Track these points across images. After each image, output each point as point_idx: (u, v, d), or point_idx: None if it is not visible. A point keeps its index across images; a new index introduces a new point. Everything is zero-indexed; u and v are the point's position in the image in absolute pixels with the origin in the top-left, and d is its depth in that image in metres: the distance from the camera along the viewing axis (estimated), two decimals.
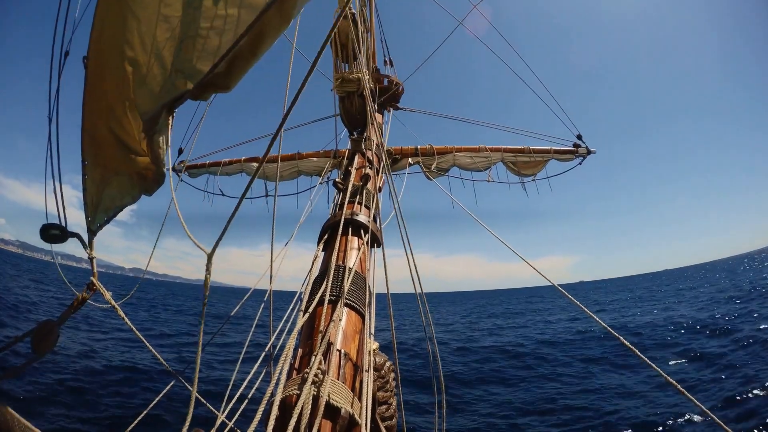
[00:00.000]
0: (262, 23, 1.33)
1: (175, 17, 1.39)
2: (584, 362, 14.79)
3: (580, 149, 6.84)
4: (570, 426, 9.00)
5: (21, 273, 53.49)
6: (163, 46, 1.39)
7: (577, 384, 12.13)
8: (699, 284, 55.74)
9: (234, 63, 1.43)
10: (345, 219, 2.86)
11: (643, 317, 26.32)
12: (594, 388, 11.52)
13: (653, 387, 11.03)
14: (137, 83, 1.41)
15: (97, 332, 18.04)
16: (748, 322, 18.79)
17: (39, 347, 1.46)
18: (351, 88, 4.18)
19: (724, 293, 34.12)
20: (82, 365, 12.43)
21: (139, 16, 1.33)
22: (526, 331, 25.42)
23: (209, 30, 1.41)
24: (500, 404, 10.70)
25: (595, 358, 15.33)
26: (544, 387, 12.07)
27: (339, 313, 2.12)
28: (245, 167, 7.14)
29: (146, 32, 1.36)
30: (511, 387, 12.28)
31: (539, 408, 10.41)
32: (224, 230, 1.52)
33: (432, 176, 6.30)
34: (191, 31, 1.41)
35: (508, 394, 11.56)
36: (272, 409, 1.53)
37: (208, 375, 12.54)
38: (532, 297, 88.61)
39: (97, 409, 9.15)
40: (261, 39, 1.39)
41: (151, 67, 1.40)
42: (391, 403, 2.88)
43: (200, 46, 1.41)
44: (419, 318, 3.19)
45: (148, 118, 1.46)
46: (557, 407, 10.34)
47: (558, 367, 14.27)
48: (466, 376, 13.61)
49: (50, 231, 1.44)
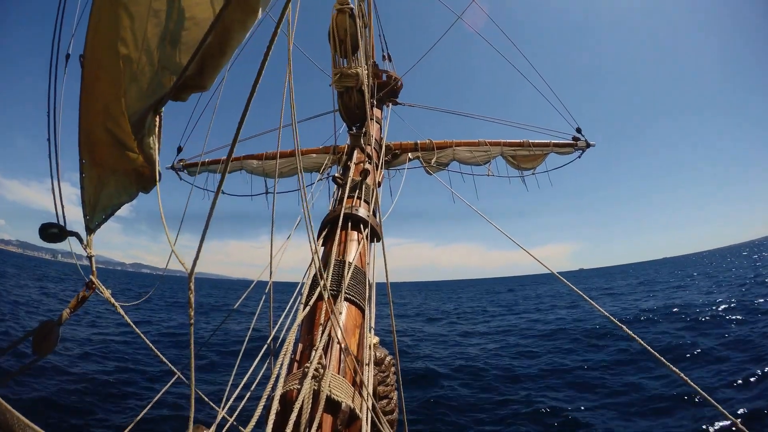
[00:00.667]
0: (224, 20, 1.31)
1: (162, 11, 1.38)
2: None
3: (580, 142, 6.85)
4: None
5: (21, 272, 53.67)
6: (152, 42, 1.39)
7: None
8: (718, 270, 55.35)
9: (204, 63, 1.43)
10: (344, 214, 2.87)
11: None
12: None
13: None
14: (129, 81, 1.41)
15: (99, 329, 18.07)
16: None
17: (40, 348, 1.46)
18: (350, 83, 4.17)
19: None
20: (82, 363, 12.47)
21: (132, 12, 1.33)
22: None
23: (192, 22, 1.40)
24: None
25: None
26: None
27: (339, 308, 2.13)
28: (245, 164, 7.13)
29: (138, 28, 1.36)
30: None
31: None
32: (200, 244, 1.43)
33: (432, 171, 6.30)
34: (174, 24, 1.40)
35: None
36: (273, 404, 1.54)
37: (209, 371, 12.58)
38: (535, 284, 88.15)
39: (98, 408, 9.17)
40: (227, 36, 1.38)
41: (141, 64, 1.40)
42: (391, 397, 2.90)
43: (184, 39, 1.41)
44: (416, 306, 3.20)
45: (136, 119, 1.45)
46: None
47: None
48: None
49: (49, 230, 1.44)
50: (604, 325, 17.96)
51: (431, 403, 9.75)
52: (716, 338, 14.05)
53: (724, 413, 1.98)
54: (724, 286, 30.67)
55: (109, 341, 15.80)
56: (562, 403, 9.69)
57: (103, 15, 1.32)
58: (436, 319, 28.53)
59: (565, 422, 8.64)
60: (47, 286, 37.47)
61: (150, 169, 1.57)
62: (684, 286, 36.42)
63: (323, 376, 1.68)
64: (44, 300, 26.53)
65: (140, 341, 2.75)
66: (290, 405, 1.56)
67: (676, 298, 26.82)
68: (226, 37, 1.39)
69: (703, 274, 50.71)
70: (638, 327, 18.08)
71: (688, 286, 35.99)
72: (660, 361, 2.18)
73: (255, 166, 7.00)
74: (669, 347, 13.65)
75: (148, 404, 3.28)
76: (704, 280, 40.33)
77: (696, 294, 27.98)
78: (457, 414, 9.22)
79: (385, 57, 7.39)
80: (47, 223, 1.46)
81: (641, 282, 51.18)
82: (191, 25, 1.40)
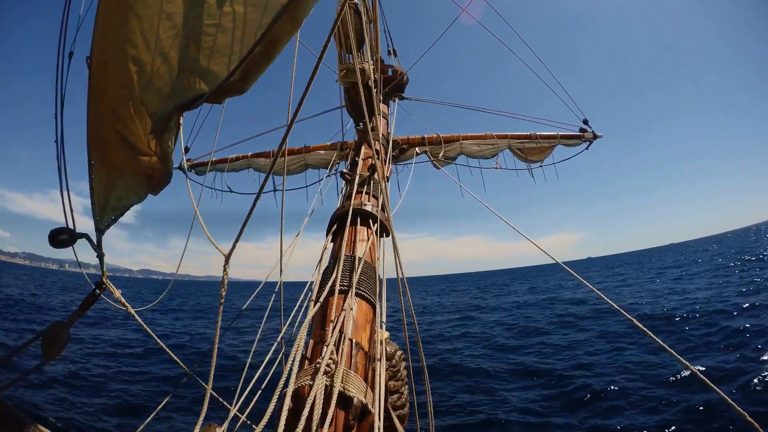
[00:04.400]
0: (274, 29, 1.32)
1: (177, 14, 1.38)
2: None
3: (587, 134, 6.82)
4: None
5: (24, 282, 54.26)
6: (167, 44, 1.39)
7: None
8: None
9: (249, 70, 1.43)
10: (353, 209, 2.86)
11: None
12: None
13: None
14: (143, 83, 1.40)
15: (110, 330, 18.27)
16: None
17: (49, 349, 1.47)
18: (355, 78, 4.18)
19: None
20: (94, 363, 12.61)
21: (140, 14, 1.33)
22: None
23: (216, 27, 1.40)
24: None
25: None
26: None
27: (350, 303, 2.12)
28: (252, 163, 7.16)
29: (149, 30, 1.36)
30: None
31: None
32: (241, 230, 1.53)
33: (439, 165, 6.29)
34: (196, 29, 1.40)
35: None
36: (285, 400, 1.54)
37: (220, 369, 12.63)
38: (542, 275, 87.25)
39: (111, 408, 9.29)
40: (274, 45, 1.38)
41: (156, 66, 1.40)
42: (402, 392, 2.90)
43: (207, 44, 1.41)
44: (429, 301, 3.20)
45: (159, 118, 1.45)
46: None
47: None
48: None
49: (59, 237, 1.45)
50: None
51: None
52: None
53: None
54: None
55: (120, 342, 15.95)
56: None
57: (109, 16, 1.32)
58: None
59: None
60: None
61: (160, 170, 1.57)
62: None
63: (335, 371, 1.67)
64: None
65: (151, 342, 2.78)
66: (302, 401, 1.56)
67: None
68: (272, 47, 1.39)
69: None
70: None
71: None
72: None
73: (263, 163, 7.02)
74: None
75: (160, 404, 3.30)
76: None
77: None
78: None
79: (391, 52, 7.38)
80: (56, 230, 1.46)
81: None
82: (217, 32, 1.40)
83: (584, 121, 6.90)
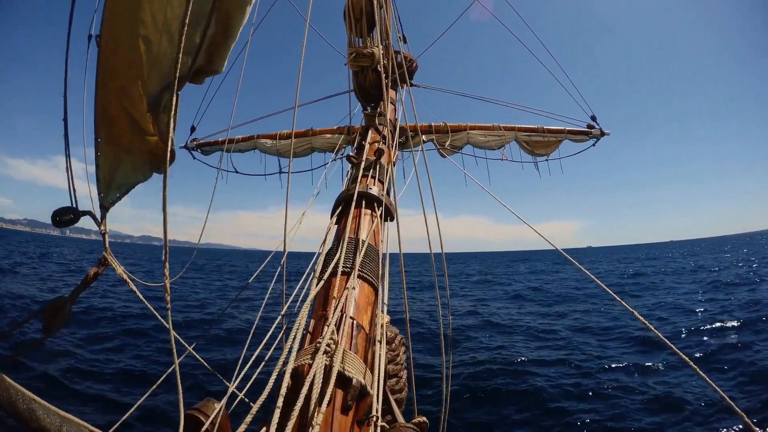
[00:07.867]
0: (221, 6, 1.31)
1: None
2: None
3: (594, 131, 6.81)
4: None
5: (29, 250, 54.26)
6: (173, 24, 1.39)
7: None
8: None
9: (211, 51, 1.43)
10: (358, 192, 2.87)
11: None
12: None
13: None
14: (150, 62, 1.41)
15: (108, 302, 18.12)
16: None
17: (50, 325, 1.48)
18: (365, 62, 4.16)
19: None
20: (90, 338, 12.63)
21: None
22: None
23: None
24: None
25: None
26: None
27: (352, 284, 2.13)
28: (258, 144, 7.14)
29: (158, 10, 1.36)
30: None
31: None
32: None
33: (446, 153, 6.26)
34: (201, 8, 1.40)
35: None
36: (284, 377, 1.55)
37: (221, 345, 12.73)
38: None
39: (108, 382, 9.32)
40: (228, 21, 1.38)
41: (163, 46, 1.40)
42: (401, 376, 2.93)
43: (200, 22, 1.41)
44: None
45: (152, 100, 1.46)
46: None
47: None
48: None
49: (63, 217, 1.45)
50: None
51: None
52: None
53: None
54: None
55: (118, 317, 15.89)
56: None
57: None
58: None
59: None
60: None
61: (163, 150, 1.58)
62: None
63: (335, 351, 1.69)
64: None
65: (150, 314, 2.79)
66: (301, 379, 1.57)
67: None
68: (227, 23, 1.39)
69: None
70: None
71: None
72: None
73: (269, 145, 7.01)
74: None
75: (158, 380, 3.29)
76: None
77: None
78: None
79: (400, 38, 7.32)
80: (59, 210, 1.46)
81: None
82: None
83: (592, 118, 6.89)
